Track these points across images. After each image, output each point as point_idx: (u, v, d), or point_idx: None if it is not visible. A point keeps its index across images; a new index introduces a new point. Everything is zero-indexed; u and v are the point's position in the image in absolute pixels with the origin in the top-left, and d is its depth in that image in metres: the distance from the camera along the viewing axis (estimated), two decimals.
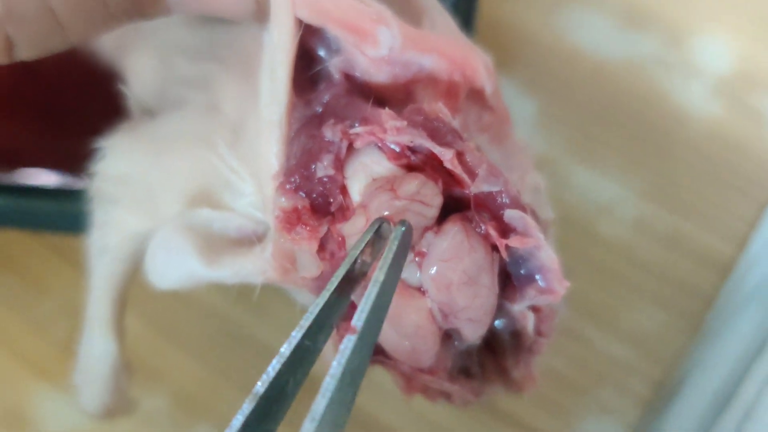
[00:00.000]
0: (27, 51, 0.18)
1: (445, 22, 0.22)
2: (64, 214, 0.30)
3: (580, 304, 0.35)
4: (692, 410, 0.33)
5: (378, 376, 0.34)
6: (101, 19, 0.18)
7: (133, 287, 0.36)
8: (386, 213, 0.17)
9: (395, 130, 0.17)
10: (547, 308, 0.19)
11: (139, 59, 0.25)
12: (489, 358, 0.21)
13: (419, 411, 0.34)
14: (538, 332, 0.19)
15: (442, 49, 0.19)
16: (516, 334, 0.20)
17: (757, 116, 0.38)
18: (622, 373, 0.34)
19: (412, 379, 0.20)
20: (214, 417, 0.35)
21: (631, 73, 0.39)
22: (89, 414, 0.26)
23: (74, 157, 0.33)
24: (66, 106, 0.34)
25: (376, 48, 0.18)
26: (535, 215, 0.19)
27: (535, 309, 0.19)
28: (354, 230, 0.17)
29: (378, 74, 0.19)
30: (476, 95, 0.21)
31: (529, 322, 0.19)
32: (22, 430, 0.35)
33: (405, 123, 0.17)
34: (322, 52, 0.19)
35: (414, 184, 0.17)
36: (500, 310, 0.19)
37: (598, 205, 0.37)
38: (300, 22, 0.18)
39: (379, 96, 0.19)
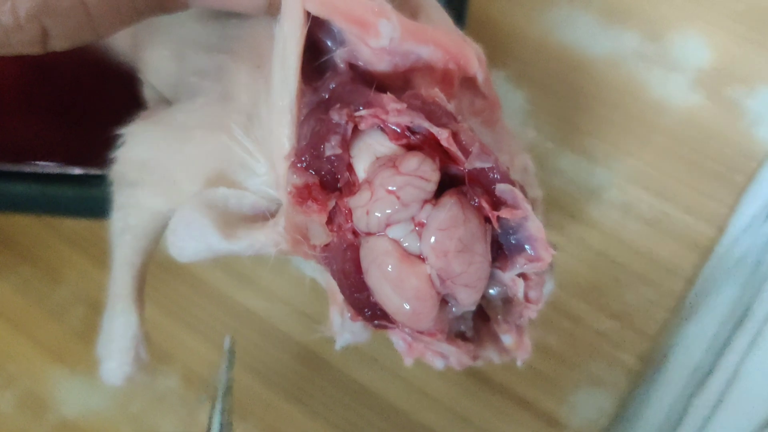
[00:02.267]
0: (60, 42, 0.19)
1: (440, 17, 0.23)
2: (83, 200, 0.32)
3: (571, 282, 0.37)
4: (676, 381, 0.35)
5: (376, 352, 0.36)
6: (127, 13, 0.19)
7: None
8: (389, 187, 0.18)
9: (396, 111, 0.19)
10: (535, 276, 0.20)
11: (155, 53, 0.26)
12: (483, 324, 0.23)
13: (418, 386, 0.36)
14: (527, 299, 0.21)
15: (437, 40, 0.20)
16: (507, 301, 0.21)
17: (734, 106, 0.40)
18: (611, 348, 0.36)
19: (412, 343, 0.22)
20: None
21: (614, 67, 0.41)
22: (110, 383, 0.27)
23: (87, 151, 0.34)
24: (78, 102, 0.35)
25: (377, 39, 0.19)
26: (524, 191, 0.20)
27: (524, 276, 0.20)
28: (360, 203, 0.19)
29: (379, 63, 0.20)
30: (469, 83, 0.23)
31: (519, 289, 0.20)
32: (40, 412, 0.37)
33: (405, 105, 0.19)
34: (328, 44, 0.21)
35: (414, 161, 0.18)
36: (493, 279, 0.20)
37: (586, 189, 0.38)
38: (308, 15, 0.19)
39: (380, 83, 0.21)
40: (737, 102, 0.40)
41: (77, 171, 0.33)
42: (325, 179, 0.20)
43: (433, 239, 0.18)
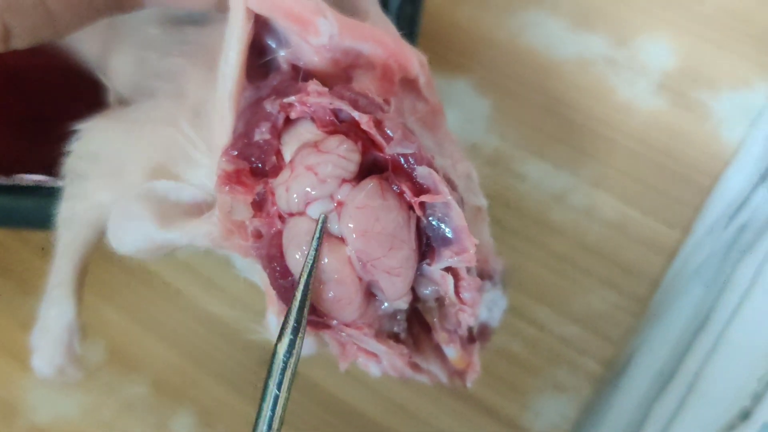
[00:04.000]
0: (21, 40, 0.19)
1: (384, 25, 0.24)
2: (42, 211, 0.32)
3: (534, 287, 0.37)
4: (639, 385, 0.35)
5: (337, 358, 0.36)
6: (86, 12, 0.20)
7: (112, 282, 0.38)
8: (307, 163, 0.19)
9: (316, 93, 0.19)
10: (466, 275, 0.20)
11: (119, 58, 0.27)
12: (423, 334, 0.23)
13: (382, 392, 0.36)
14: (461, 300, 0.20)
15: (376, 36, 0.21)
16: (441, 303, 0.21)
17: (700, 109, 0.40)
18: (575, 353, 0.36)
19: (345, 345, 0.22)
20: (191, 402, 0.37)
21: (581, 71, 0.41)
22: (42, 376, 0.27)
23: (55, 160, 0.34)
24: (48, 112, 0.35)
25: (317, 36, 0.20)
26: (451, 184, 0.20)
27: (453, 273, 0.20)
28: (281, 181, 0.19)
29: (321, 61, 0.21)
30: (411, 85, 0.23)
31: (449, 285, 0.20)
32: (13, 420, 0.37)
33: (326, 90, 0.19)
34: (273, 45, 0.21)
35: (334, 141, 0.19)
36: (423, 276, 0.20)
37: (550, 194, 0.38)
38: (252, 12, 0.20)
39: (322, 82, 0.21)
40: (702, 104, 0.40)
41: (44, 182, 0.33)
42: (255, 166, 0.20)
43: (350, 218, 0.19)
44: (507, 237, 0.37)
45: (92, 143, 0.26)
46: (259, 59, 0.21)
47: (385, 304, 0.20)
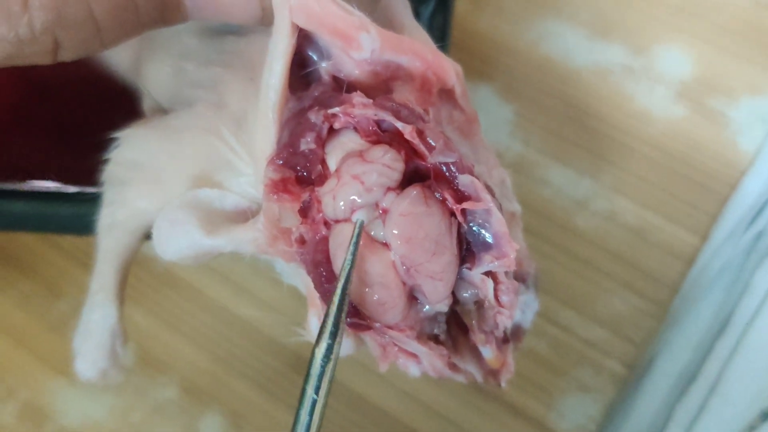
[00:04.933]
0: (70, 53, 0.20)
1: (420, 36, 0.24)
2: (81, 218, 0.32)
3: (559, 291, 0.37)
4: (662, 387, 0.35)
5: (367, 360, 0.37)
6: (132, 26, 0.20)
7: (140, 287, 0.39)
8: (354, 173, 0.19)
9: (362, 105, 0.20)
10: (505, 279, 0.21)
11: (155, 67, 0.27)
12: (463, 336, 0.23)
13: (410, 392, 0.37)
14: (499, 302, 0.21)
15: (415, 49, 0.21)
16: (480, 305, 0.22)
17: (717, 117, 0.41)
18: (599, 355, 0.37)
19: (386, 346, 0.23)
20: (220, 404, 0.37)
21: (599, 79, 0.42)
22: (85, 379, 0.27)
23: (85, 169, 0.35)
24: (75, 121, 0.35)
25: (359, 51, 0.20)
26: (491, 191, 0.21)
27: (494, 279, 0.21)
28: (327, 189, 0.20)
29: (361, 74, 0.21)
30: (448, 95, 0.24)
31: (489, 289, 0.21)
32: (41, 423, 0.37)
33: (371, 101, 0.20)
34: (314, 57, 0.22)
35: (379, 151, 0.19)
36: (463, 280, 0.21)
37: (573, 200, 0.39)
38: (296, 27, 0.20)
39: (362, 93, 0.21)
40: (720, 113, 0.41)
41: (74, 189, 0.33)
42: (300, 175, 0.21)
43: (396, 224, 0.19)
44: (531, 241, 0.38)
45: (131, 150, 0.26)
46: (300, 70, 0.22)
47: (427, 307, 0.21)
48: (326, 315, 0.19)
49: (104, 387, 0.31)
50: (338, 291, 0.19)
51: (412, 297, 0.21)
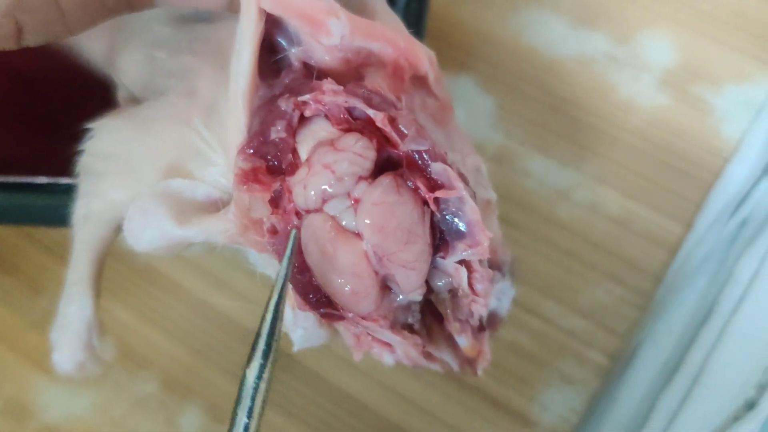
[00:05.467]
0: (33, 38, 0.19)
1: (393, 22, 0.24)
2: (57, 209, 0.32)
3: (541, 282, 0.37)
4: (645, 377, 0.35)
5: (346, 352, 0.37)
6: (97, 10, 0.20)
7: (118, 280, 0.38)
8: (325, 161, 0.19)
9: (332, 92, 0.19)
10: (479, 267, 0.21)
11: (128, 57, 0.27)
12: (438, 325, 0.23)
13: (391, 386, 0.36)
14: (473, 291, 0.21)
15: (387, 36, 0.21)
16: (454, 294, 0.22)
17: (701, 105, 0.40)
18: (582, 346, 0.36)
19: (360, 335, 0.22)
20: (200, 398, 0.37)
21: (583, 68, 0.41)
22: (62, 372, 0.27)
23: (62, 160, 0.34)
24: (49, 112, 0.35)
25: (329, 37, 0.20)
26: (464, 179, 0.21)
27: (467, 266, 0.20)
28: (298, 178, 0.19)
29: (332, 60, 0.21)
30: (421, 82, 0.23)
31: (463, 277, 0.20)
32: (24, 419, 0.37)
33: (341, 88, 0.20)
34: (284, 44, 0.21)
35: (350, 139, 0.19)
36: (436, 269, 0.20)
37: (555, 191, 0.39)
38: (264, 12, 0.20)
39: (333, 80, 0.21)
40: (704, 100, 0.40)
41: (51, 180, 0.33)
42: (271, 164, 0.20)
43: (367, 214, 0.19)
44: (513, 232, 0.38)
45: (105, 142, 0.26)
46: (270, 57, 0.22)
47: (401, 296, 0.21)
48: (257, 334, 0.19)
49: (82, 379, 0.31)
50: (270, 308, 0.19)
51: (385, 286, 0.21)
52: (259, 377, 0.18)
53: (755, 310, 0.34)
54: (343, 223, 0.19)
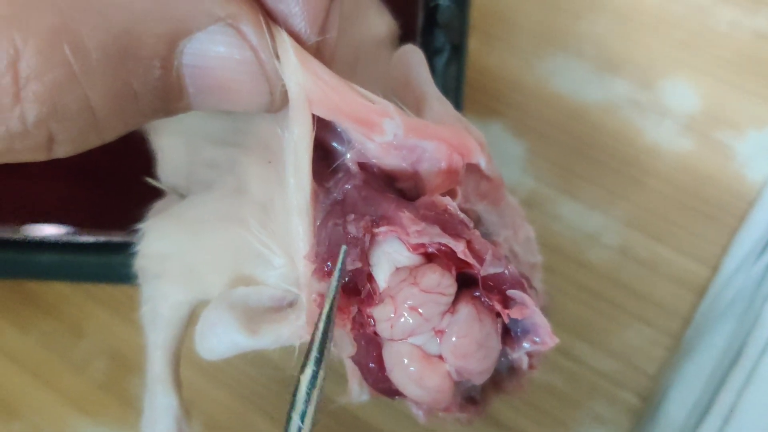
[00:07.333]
0: (65, 147, 0.18)
1: (442, 107, 0.24)
2: (104, 267, 0.33)
3: (572, 324, 0.38)
4: (676, 418, 0.36)
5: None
6: (132, 117, 0.19)
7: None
8: (411, 304, 0.20)
9: (417, 233, 0.20)
10: (538, 353, 0.22)
11: (168, 140, 0.27)
12: (488, 382, 0.24)
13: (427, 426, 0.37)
14: (531, 366, 0.23)
15: (439, 134, 0.21)
16: (512, 370, 0.23)
17: (724, 150, 0.41)
18: (613, 386, 0.37)
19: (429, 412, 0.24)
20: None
21: (608, 114, 0.42)
22: None
23: (109, 215, 0.35)
24: (102, 167, 0.36)
25: (382, 136, 0.20)
26: (529, 282, 0.22)
27: (528, 354, 0.22)
28: (384, 316, 0.20)
29: (387, 157, 0.21)
30: (474, 167, 0.24)
31: (525, 363, 0.22)
32: None
33: (423, 225, 0.20)
34: (335, 145, 0.22)
35: (434, 277, 0.20)
36: (501, 356, 0.22)
37: (585, 234, 0.40)
38: (315, 118, 0.20)
39: (390, 176, 0.22)
40: (727, 145, 0.41)
41: (98, 239, 0.34)
42: (347, 287, 0.21)
43: (453, 345, 0.20)
44: (544, 275, 0.39)
45: (157, 244, 0.26)
46: (320, 156, 0.21)
47: (467, 385, 0.22)
48: (311, 341, 0.19)
49: (124, 421, 0.31)
50: (323, 317, 0.19)
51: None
52: (312, 383, 0.19)
53: None
54: (426, 347, 0.20)
